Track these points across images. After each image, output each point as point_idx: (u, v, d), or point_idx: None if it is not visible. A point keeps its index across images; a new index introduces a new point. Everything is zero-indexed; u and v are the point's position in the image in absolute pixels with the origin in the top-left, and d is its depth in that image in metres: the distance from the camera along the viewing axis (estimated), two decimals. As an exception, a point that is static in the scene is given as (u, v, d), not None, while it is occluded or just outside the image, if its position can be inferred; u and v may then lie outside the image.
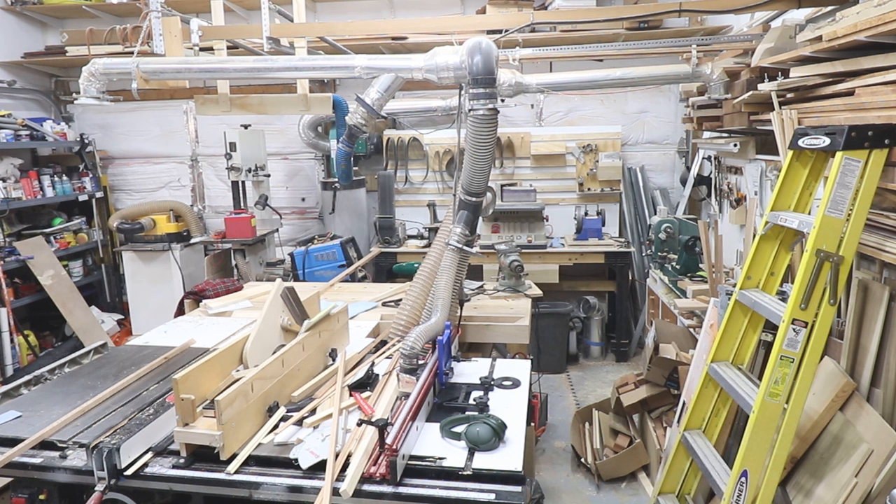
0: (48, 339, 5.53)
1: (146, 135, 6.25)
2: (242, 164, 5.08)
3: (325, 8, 5.92)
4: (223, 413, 1.76)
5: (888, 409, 2.07)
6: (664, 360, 3.38)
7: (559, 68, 5.61)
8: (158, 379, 2.40)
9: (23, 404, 2.20)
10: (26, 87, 5.89)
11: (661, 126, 5.82)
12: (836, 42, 2.16)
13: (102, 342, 2.85)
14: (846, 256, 1.90)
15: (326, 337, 2.47)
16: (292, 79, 3.71)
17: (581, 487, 3.47)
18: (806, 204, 2.21)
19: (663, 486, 2.56)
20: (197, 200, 6.23)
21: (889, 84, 1.97)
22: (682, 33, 4.95)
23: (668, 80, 4.32)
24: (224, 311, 3.36)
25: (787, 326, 1.92)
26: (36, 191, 5.37)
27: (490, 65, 2.57)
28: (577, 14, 3.95)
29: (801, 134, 2.11)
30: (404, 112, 5.41)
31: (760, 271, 2.31)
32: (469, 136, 2.62)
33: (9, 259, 4.98)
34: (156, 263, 5.51)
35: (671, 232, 4.46)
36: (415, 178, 5.93)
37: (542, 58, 4.71)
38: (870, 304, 2.21)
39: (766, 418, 1.96)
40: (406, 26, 4.46)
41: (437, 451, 1.88)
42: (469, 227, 2.72)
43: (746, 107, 3.32)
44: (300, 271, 4.79)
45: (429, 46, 2.95)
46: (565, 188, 5.78)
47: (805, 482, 2.21)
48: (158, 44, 3.40)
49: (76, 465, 1.85)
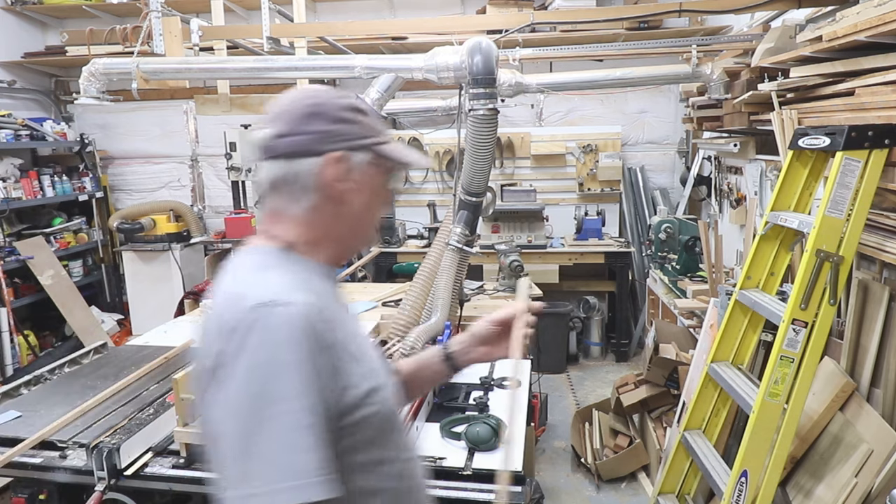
0: (48, 339, 5.52)
1: (146, 135, 6.25)
2: (242, 164, 5.07)
3: (325, 8, 5.92)
4: (223, 413, 1.76)
5: (888, 409, 2.07)
6: (664, 360, 3.38)
7: (559, 68, 5.60)
8: (158, 379, 2.40)
9: (23, 404, 2.20)
10: (26, 87, 5.89)
11: (661, 126, 5.81)
12: (836, 42, 2.16)
13: (102, 342, 2.85)
14: (846, 256, 1.90)
15: (326, 337, 2.46)
16: (292, 79, 3.72)
17: (581, 487, 3.47)
18: (806, 204, 2.21)
19: (663, 486, 2.56)
20: (197, 200, 6.23)
21: (889, 84, 1.96)
22: (682, 33, 4.95)
23: (668, 80, 4.33)
24: (224, 311, 3.36)
25: (787, 326, 1.92)
26: (36, 191, 5.37)
27: (490, 65, 2.57)
28: (577, 14, 3.95)
29: (801, 134, 2.11)
30: (404, 112, 5.40)
31: (760, 271, 2.31)
32: (469, 136, 2.62)
33: (9, 259, 4.98)
34: (156, 263, 5.51)
35: (671, 232, 4.46)
36: (415, 178, 5.93)
37: (542, 58, 4.71)
38: (870, 304, 2.21)
39: (766, 418, 1.96)
40: (406, 26, 4.46)
41: (437, 451, 1.88)
42: (469, 227, 2.72)
43: (746, 107, 3.32)
44: (300, 271, 4.79)
45: (429, 46, 2.95)
46: (565, 188, 5.77)
47: (805, 482, 2.21)
48: (158, 44, 3.41)
49: (76, 465, 1.85)
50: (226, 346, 0.85)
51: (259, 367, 0.84)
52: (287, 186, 1.00)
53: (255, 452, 0.82)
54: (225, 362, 0.85)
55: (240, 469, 0.83)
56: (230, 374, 0.84)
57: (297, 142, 0.99)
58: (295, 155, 0.99)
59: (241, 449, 0.83)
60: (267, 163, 1.01)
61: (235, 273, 0.98)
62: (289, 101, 1.03)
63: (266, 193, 1.03)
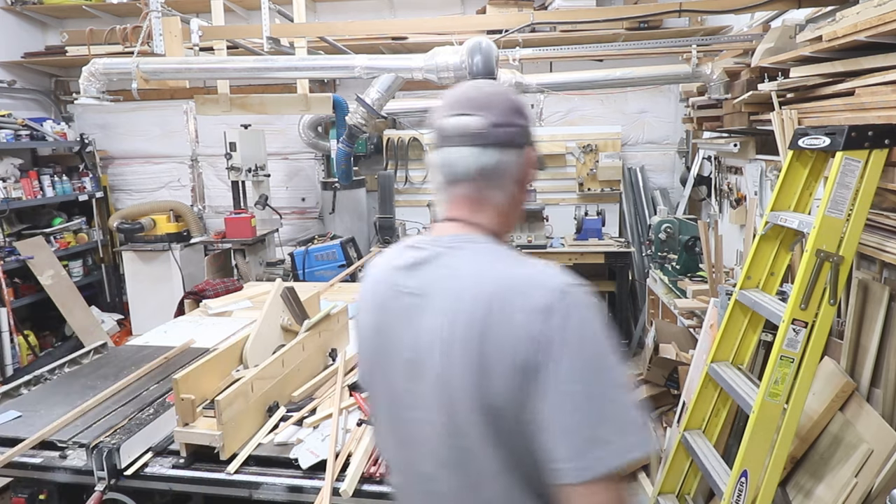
0: (48, 339, 5.53)
1: (146, 135, 6.25)
2: (242, 164, 5.08)
3: (325, 8, 5.92)
4: (223, 413, 1.76)
5: (888, 409, 2.07)
6: (664, 360, 3.37)
7: (559, 68, 5.60)
8: (158, 379, 2.40)
9: (23, 404, 2.20)
10: (26, 87, 5.89)
11: (661, 126, 5.82)
12: (836, 42, 2.16)
13: (102, 342, 2.85)
14: (846, 256, 1.90)
15: (326, 337, 2.47)
16: (292, 79, 3.72)
17: (581, 487, 3.47)
18: (806, 204, 2.21)
19: (663, 487, 2.56)
20: (197, 200, 6.24)
21: (889, 84, 1.96)
22: (682, 33, 4.95)
23: (668, 80, 4.33)
24: (224, 311, 3.36)
25: (787, 326, 1.92)
26: (36, 191, 5.37)
27: (490, 65, 2.58)
28: (577, 14, 3.95)
29: (801, 134, 2.11)
30: (404, 112, 5.41)
31: (760, 271, 2.31)
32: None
33: (9, 259, 4.98)
34: (156, 263, 5.51)
35: (671, 232, 4.46)
36: (415, 178, 5.93)
37: (542, 58, 4.71)
38: (870, 304, 2.21)
39: (766, 418, 1.95)
40: (406, 26, 4.46)
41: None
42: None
43: (746, 107, 3.32)
44: (300, 271, 4.79)
45: (429, 46, 2.95)
46: (565, 188, 5.77)
47: (805, 482, 2.21)
48: (158, 44, 3.41)
49: (76, 465, 1.85)
50: (544, 325, 0.90)
51: (590, 340, 0.92)
52: (497, 175, 1.04)
53: (606, 413, 0.89)
54: (551, 339, 0.90)
55: (589, 431, 0.88)
56: (564, 349, 0.90)
57: (509, 133, 1.04)
58: (507, 145, 1.04)
59: (591, 411, 0.89)
60: (477, 150, 1.03)
61: (489, 262, 1.00)
62: (488, 92, 1.06)
63: (467, 179, 1.05)
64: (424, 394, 0.99)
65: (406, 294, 1.03)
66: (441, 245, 1.04)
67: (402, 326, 1.02)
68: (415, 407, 1.01)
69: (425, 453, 1.01)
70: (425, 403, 0.99)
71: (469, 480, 0.98)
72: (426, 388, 0.99)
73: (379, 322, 1.07)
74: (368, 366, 1.14)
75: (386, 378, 1.06)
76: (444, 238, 1.05)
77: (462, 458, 0.97)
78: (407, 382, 1.01)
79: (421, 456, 1.02)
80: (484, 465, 0.95)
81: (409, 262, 1.05)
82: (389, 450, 1.13)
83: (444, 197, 1.09)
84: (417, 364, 1.00)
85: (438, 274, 1.01)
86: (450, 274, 1.00)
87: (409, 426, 1.04)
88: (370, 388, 1.16)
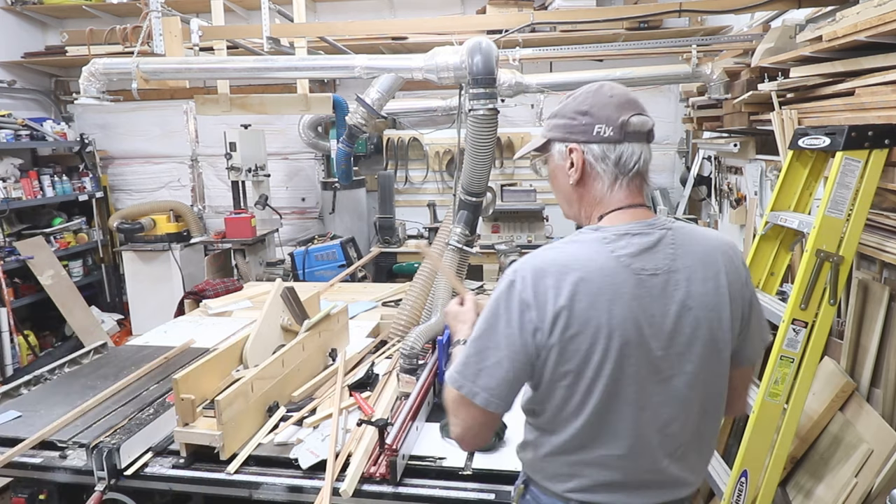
0: (48, 339, 5.53)
1: (146, 135, 6.25)
2: (242, 164, 5.08)
3: (325, 8, 5.92)
4: (223, 413, 1.76)
5: (888, 409, 2.07)
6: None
7: (559, 68, 5.60)
8: (158, 379, 2.40)
9: (23, 404, 2.20)
10: (26, 87, 5.89)
11: (661, 126, 5.81)
12: (836, 42, 2.16)
13: (102, 342, 2.85)
14: (846, 256, 1.90)
15: (326, 337, 2.47)
16: (292, 79, 3.71)
17: (581, 487, 3.46)
18: (806, 204, 2.21)
19: (663, 486, 2.56)
20: (197, 200, 6.23)
21: (889, 84, 1.96)
22: (682, 33, 4.95)
23: (668, 80, 4.32)
24: (224, 311, 3.36)
25: (787, 326, 1.92)
26: (36, 191, 5.37)
27: (490, 65, 2.57)
28: (577, 14, 3.94)
29: (801, 134, 2.11)
30: (404, 112, 5.40)
31: (760, 271, 2.31)
32: (469, 136, 2.62)
33: (9, 259, 4.98)
34: (156, 263, 5.51)
35: (671, 232, 4.46)
36: (415, 178, 5.93)
37: (542, 58, 4.70)
38: (870, 304, 2.21)
39: (766, 418, 1.95)
40: (406, 26, 4.46)
41: (437, 451, 1.88)
42: (469, 227, 2.72)
43: (746, 107, 3.32)
44: (300, 271, 4.79)
45: (429, 46, 2.95)
46: (565, 188, 5.76)
47: (805, 482, 2.21)
48: (158, 44, 3.40)
49: (76, 465, 1.85)
50: (746, 271, 1.27)
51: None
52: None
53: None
54: (749, 280, 1.28)
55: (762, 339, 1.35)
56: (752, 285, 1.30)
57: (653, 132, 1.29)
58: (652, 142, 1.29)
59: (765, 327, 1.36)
60: (648, 145, 1.25)
61: (700, 232, 1.26)
62: (632, 95, 1.27)
63: (643, 171, 1.24)
64: (684, 352, 1.18)
65: (653, 276, 1.16)
66: (659, 227, 1.20)
67: (660, 302, 1.16)
68: (672, 367, 1.18)
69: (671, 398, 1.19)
70: (688, 358, 1.18)
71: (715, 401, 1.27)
72: (690, 345, 1.18)
73: (630, 307, 1.14)
74: (616, 353, 1.14)
75: (644, 355, 1.16)
76: (655, 221, 1.21)
77: (712, 379, 1.23)
78: (667, 350, 1.17)
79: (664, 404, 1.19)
80: (724, 380, 1.27)
81: (639, 248, 1.17)
82: (621, 423, 1.18)
83: (617, 186, 1.23)
84: (683, 328, 1.17)
85: (677, 251, 1.19)
86: (687, 249, 1.20)
87: (659, 386, 1.18)
88: (614, 375, 1.15)
